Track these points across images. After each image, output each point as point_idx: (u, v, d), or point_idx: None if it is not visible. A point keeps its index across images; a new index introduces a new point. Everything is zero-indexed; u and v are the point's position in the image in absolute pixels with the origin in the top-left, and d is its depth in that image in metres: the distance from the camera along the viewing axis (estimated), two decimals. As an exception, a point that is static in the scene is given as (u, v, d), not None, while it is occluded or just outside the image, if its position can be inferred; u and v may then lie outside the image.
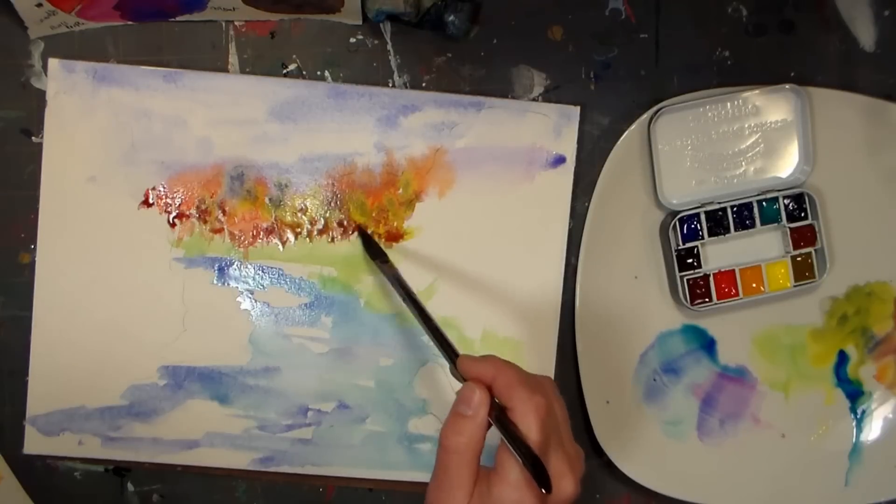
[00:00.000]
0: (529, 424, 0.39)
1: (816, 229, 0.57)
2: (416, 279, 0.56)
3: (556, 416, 0.41)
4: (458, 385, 0.42)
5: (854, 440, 0.60)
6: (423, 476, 0.57)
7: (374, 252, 0.54)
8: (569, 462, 0.40)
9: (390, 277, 0.52)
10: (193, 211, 0.55)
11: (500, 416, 0.40)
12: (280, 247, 0.56)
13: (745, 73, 0.57)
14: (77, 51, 0.54)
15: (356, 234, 0.55)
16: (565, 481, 0.39)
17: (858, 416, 0.60)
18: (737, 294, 0.57)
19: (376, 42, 0.55)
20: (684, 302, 0.56)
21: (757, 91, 0.56)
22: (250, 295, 0.55)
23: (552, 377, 0.57)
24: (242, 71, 0.55)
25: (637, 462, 0.57)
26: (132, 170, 0.54)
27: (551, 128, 0.56)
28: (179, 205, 0.55)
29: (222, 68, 0.55)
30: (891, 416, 0.60)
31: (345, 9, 0.54)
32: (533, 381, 0.41)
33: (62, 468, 0.56)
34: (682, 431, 0.59)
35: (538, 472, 0.38)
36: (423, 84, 0.56)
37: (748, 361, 0.59)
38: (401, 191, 0.56)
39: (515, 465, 0.38)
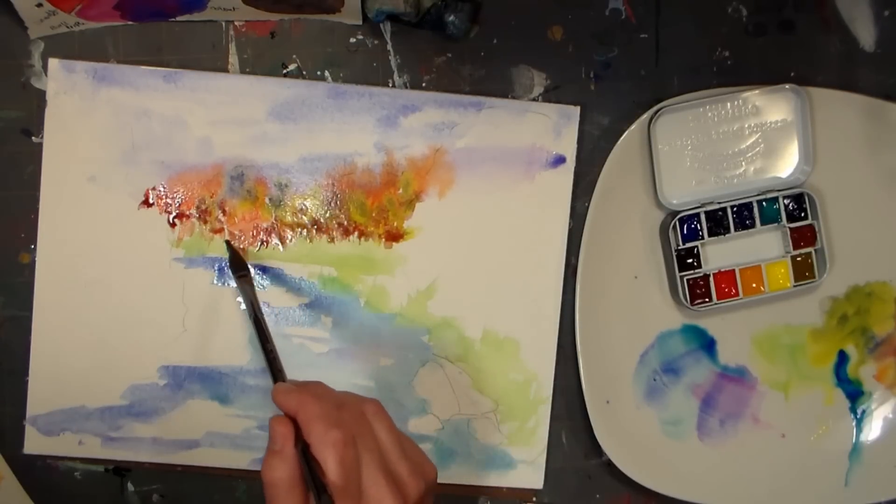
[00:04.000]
0: (326, 460, 0.40)
1: (816, 229, 0.57)
2: (416, 279, 0.56)
3: (371, 443, 0.41)
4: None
5: (854, 440, 0.60)
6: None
7: (237, 265, 0.53)
8: (392, 485, 0.40)
9: (243, 291, 0.52)
10: (193, 211, 0.55)
11: (305, 449, 0.41)
12: (280, 247, 0.56)
13: (745, 73, 0.57)
14: (77, 51, 0.54)
15: (355, 235, 0.56)
16: None
17: (858, 416, 0.60)
18: (737, 294, 0.57)
19: (376, 42, 0.55)
20: (684, 302, 0.56)
21: (757, 91, 0.56)
22: (250, 295, 0.55)
23: (552, 378, 0.57)
24: (242, 71, 0.55)
25: (637, 462, 0.57)
26: (132, 170, 0.54)
27: (551, 128, 0.56)
28: (179, 205, 0.55)
29: (222, 68, 0.55)
30: (891, 416, 0.60)
31: (345, 9, 0.54)
32: (334, 416, 0.41)
33: (62, 468, 0.56)
34: (682, 431, 0.59)
35: None
36: (423, 84, 0.56)
37: (748, 361, 0.59)
38: (401, 191, 0.56)
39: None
